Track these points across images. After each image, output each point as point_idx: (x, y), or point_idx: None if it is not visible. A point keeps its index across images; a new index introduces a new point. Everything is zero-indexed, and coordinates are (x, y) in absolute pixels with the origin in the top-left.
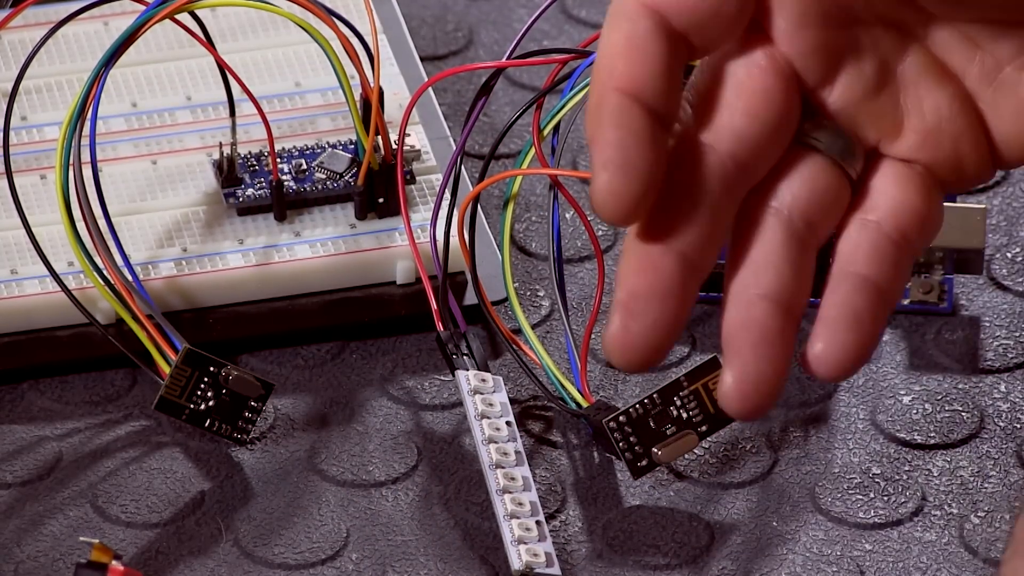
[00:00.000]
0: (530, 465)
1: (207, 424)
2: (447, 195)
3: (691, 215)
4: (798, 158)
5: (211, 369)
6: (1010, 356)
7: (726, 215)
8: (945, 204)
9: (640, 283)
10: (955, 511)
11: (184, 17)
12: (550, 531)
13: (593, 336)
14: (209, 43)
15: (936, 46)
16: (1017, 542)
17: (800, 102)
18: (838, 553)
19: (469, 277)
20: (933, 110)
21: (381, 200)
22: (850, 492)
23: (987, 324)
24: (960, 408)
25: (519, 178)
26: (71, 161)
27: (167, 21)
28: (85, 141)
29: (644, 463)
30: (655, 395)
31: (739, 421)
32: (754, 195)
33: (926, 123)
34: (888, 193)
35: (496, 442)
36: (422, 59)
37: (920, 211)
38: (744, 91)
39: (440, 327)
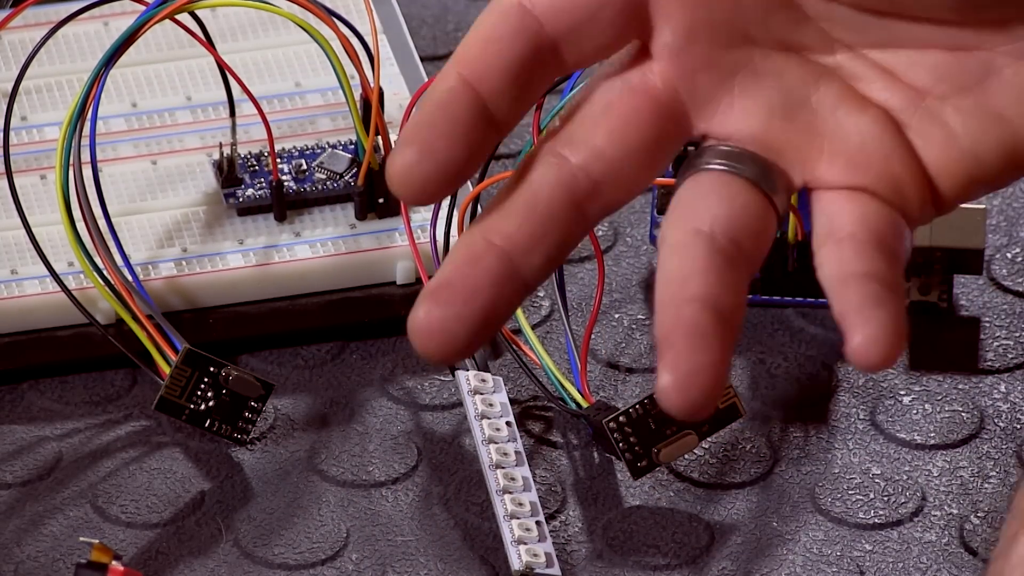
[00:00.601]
0: (530, 465)
1: (207, 424)
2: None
3: (522, 217)
4: (716, 182)
5: (211, 369)
6: (1010, 356)
7: (568, 227)
8: None
9: (454, 273)
10: (955, 511)
11: (184, 17)
12: (550, 531)
13: (593, 336)
14: (209, 43)
15: (850, 76)
16: (1002, 544)
17: (679, 128)
18: (838, 553)
19: None
20: (855, 132)
21: (381, 200)
22: (850, 492)
23: (987, 324)
24: (960, 408)
25: None
26: (71, 161)
27: (167, 21)
28: (85, 141)
29: (644, 463)
30: (655, 395)
31: (680, 419)
32: (674, 219)
33: (849, 144)
34: (843, 212)
35: (496, 442)
36: (422, 59)
37: (884, 217)
38: (611, 112)
39: None
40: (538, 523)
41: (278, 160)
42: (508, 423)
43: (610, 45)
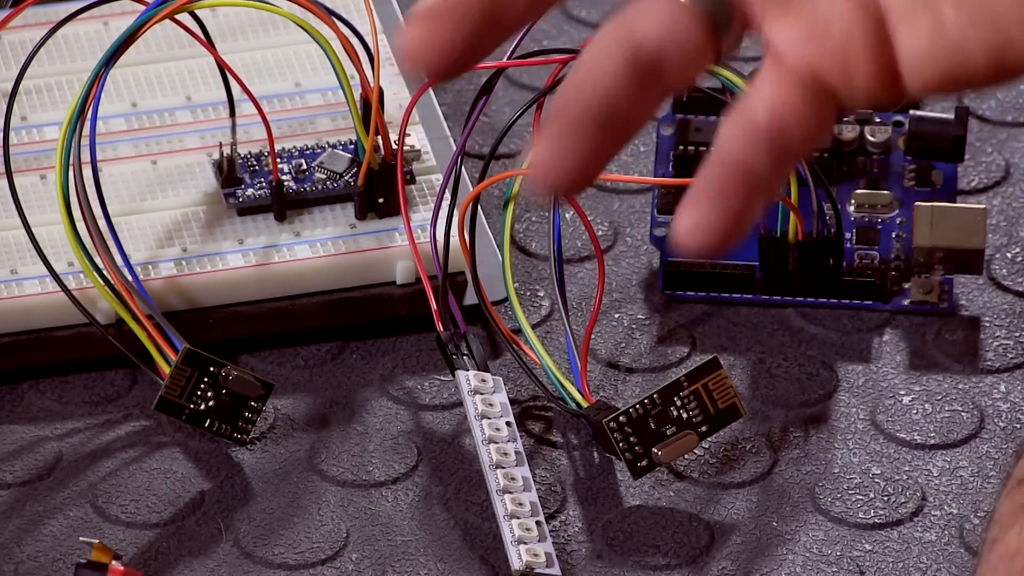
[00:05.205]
0: (530, 465)
1: (207, 424)
2: (447, 195)
3: None
4: (667, 5)
5: (211, 369)
6: (1010, 356)
7: None
8: (945, 204)
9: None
10: (955, 511)
11: (184, 17)
12: (550, 531)
13: (593, 336)
14: (209, 43)
15: None
16: (983, 553)
17: None
18: (838, 553)
19: (469, 277)
20: (828, 6)
21: (381, 200)
22: (850, 492)
23: (987, 324)
24: (960, 408)
25: (519, 178)
26: (71, 161)
27: (167, 21)
28: (85, 141)
29: (644, 463)
30: (655, 395)
31: (541, 193)
32: (609, 25)
33: (817, 14)
34: (767, 93)
35: (496, 442)
36: None
37: (798, 111)
38: None
39: (440, 327)
40: (538, 523)
41: (278, 160)
42: (508, 423)
43: None
